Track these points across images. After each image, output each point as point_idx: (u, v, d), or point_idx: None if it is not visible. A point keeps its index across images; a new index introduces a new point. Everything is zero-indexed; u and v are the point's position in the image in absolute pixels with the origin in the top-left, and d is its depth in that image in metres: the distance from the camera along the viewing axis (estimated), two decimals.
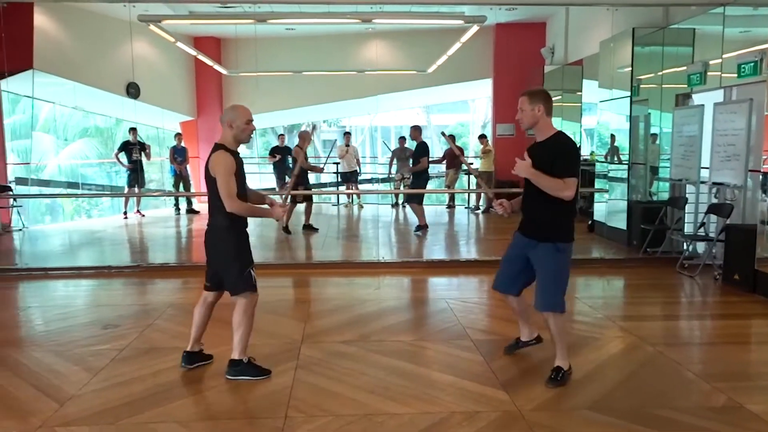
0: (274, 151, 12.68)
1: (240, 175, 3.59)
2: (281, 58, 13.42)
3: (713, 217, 6.64)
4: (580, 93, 11.17)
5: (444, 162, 12.63)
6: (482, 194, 11.50)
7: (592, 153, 10.51)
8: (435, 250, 8.50)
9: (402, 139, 13.11)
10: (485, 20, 7.94)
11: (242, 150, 3.87)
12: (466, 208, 12.54)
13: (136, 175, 11.18)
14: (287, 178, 12.68)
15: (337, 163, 13.17)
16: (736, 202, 6.24)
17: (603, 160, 9.64)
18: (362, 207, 12.97)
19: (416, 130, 9.47)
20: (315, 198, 14.40)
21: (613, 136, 9.33)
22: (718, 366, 3.95)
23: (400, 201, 12.74)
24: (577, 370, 3.71)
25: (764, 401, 3.33)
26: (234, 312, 3.66)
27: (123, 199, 11.93)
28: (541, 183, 3.35)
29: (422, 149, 9.24)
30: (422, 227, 9.08)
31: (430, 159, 9.94)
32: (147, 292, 6.15)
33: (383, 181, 15.20)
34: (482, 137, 12.10)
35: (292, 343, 4.29)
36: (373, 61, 13.31)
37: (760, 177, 6.18)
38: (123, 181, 11.75)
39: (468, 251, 8.60)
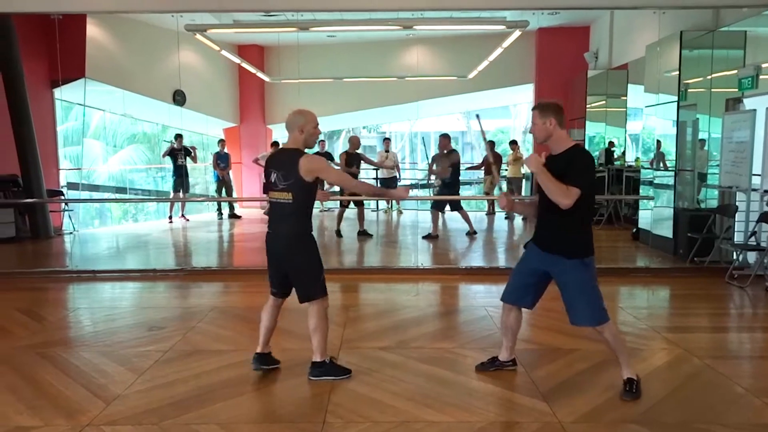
0: None
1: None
2: (322, 65, 13.58)
3: (765, 226, 6.40)
4: (624, 98, 10.96)
5: (483, 168, 12.53)
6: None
7: (637, 159, 10.27)
8: (474, 257, 8.44)
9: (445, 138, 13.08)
10: (527, 25, 7.87)
11: None
12: (505, 217, 12.39)
13: (181, 180, 11.47)
14: (326, 184, 12.80)
15: (377, 169, 13.21)
16: None
17: (648, 166, 9.41)
18: (401, 213, 12.98)
19: (445, 138, 9.49)
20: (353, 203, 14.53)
21: (659, 142, 9.10)
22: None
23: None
24: (619, 382, 3.61)
25: None
26: (309, 317, 3.72)
27: (169, 203, 12.25)
28: (544, 182, 3.28)
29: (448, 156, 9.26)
30: (432, 236, 9.17)
31: (470, 165, 9.96)
32: (190, 295, 6.29)
33: (423, 186, 15.18)
34: (513, 143, 11.96)
35: (330, 348, 4.30)
36: (413, 67, 13.34)
37: None
38: (169, 186, 12.06)
39: (506, 258, 8.50)
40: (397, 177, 13.09)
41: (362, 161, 9.81)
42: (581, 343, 4.38)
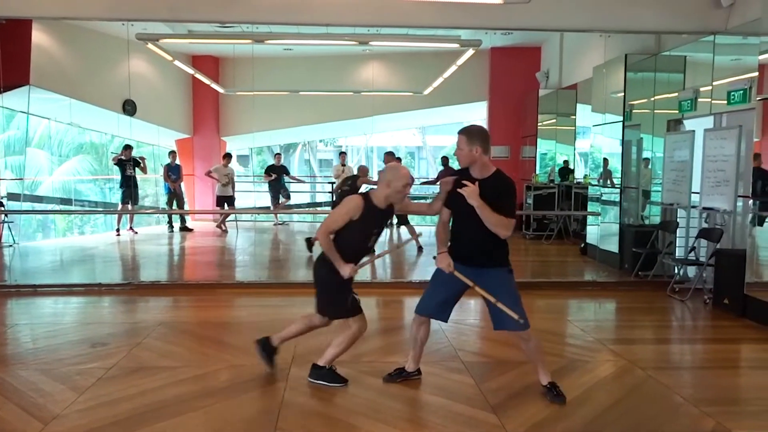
0: (269, 170, 12.73)
1: (362, 228, 3.69)
2: (279, 77, 13.54)
3: (704, 242, 6.67)
4: (574, 117, 11.29)
5: (438, 183, 12.67)
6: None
7: (585, 176, 10.58)
8: (429, 270, 8.48)
9: (397, 160, 13.19)
10: (480, 44, 8.05)
11: (236, 167, 3.90)
12: None
13: (130, 191, 11.17)
14: (281, 198, 12.74)
15: (332, 183, 13.21)
16: (726, 227, 6.28)
17: (596, 183, 9.71)
18: None
19: (389, 156, 9.75)
20: (308, 217, 14.46)
21: (606, 160, 9.41)
22: (708, 391, 3.95)
23: (394, 221, 12.76)
24: (567, 394, 3.70)
25: (751, 426, 3.34)
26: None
27: (116, 215, 11.90)
28: (485, 215, 3.39)
29: None
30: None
31: (425, 180, 10.10)
32: (137, 310, 6.11)
33: None
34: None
35: (282, 363, 4.26)
36: (369, 82, 13.45)
37: (750, 203, 6.23)
38: (117, 198, 11.73)
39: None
40: None
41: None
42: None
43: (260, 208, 14.27)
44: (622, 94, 8.30)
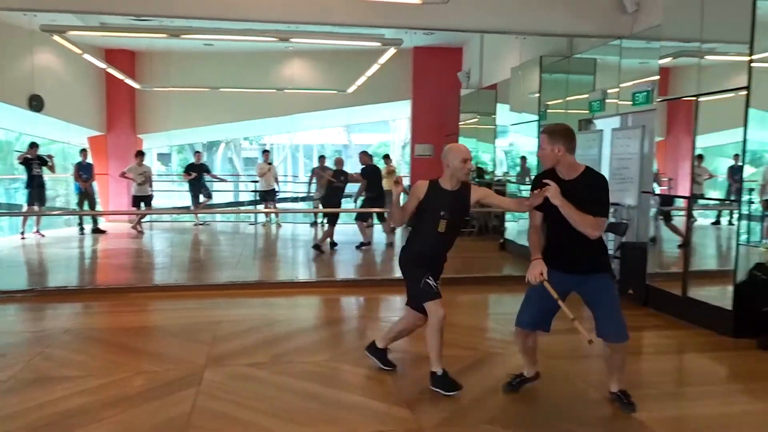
0: (189, 169, 12.36)
1: (430, 209, 3.70)
2: (199, 73, 13.16)
3: (611, 236, 7.01)
4: (494, 116, 11.59)
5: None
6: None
7: (504, 174, 10.88)
8: (352, 269, 8.50)
9: (322, 158, 13.14)
10: (401, 43, 8.12)
11: (157, 166, 3.75)
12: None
13: (36, 191, 10.51)
14: (202, 197, 12.38)
15: (256, 181, 12.99)
16: (631, 221, 6.63)
17: (515, 180, 10.01)
18: (280, 226, 12.82)
19: (365, 155, 10.00)
20: (231, 217, 14.16)
21: (524, 158, 9.72)
22: None
23: (319, 220, 12.70)
24: (479, 385, 3.80)
25: (651, 408, 3.52)
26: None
27: (21, 218, 11.17)
28: (569, 214, 3.20)
29: (366, 172, 9.74)
30: (366, 244, 9.64)
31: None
32: (41, 317, 5.76)
33: (303, 199, 15.11)
34: (386, 157, 12.28)
35: (194, 367, 4.14)
36: (293, 79, 13.30)
37: (651, 199, 6.60)
38: (23, 199, 11.03)
39: (383, 270, 8.65)
40: (276, 190, 12.94)
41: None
42: (446, 350, 4.52)
43: (179, 208, 13.83)
44: (538, 94, 8.60)
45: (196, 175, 12.14)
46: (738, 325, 4.98)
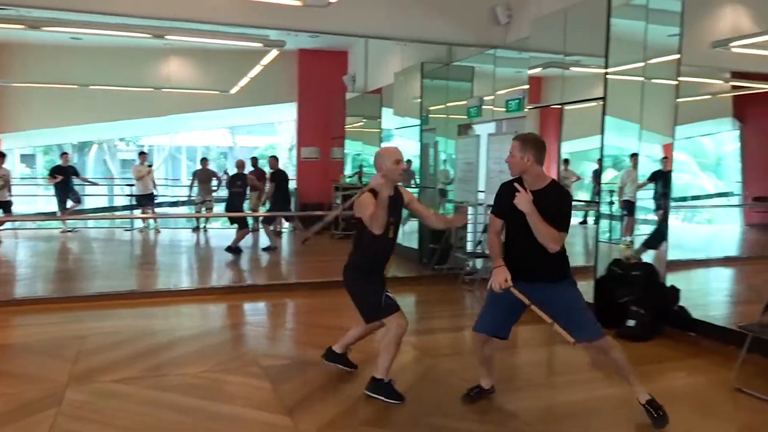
0: (55, 171, 11.44)
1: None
2: (66, 69, 12.19)
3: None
4: (379, 120, 11.76)
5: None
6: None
7: None
8: (234, 275, 8.26)
9: (204, 160, 12.68)
10: (284, 45, 8.03)
11: (22, 169, 3.39)
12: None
13: None
14: (70, 202, 11.49)
15: (132, 185, 12.27)
16: None
17: (401, 184, 10.20)
18: (159, 232, 12.18)
19: (274, 159, 10.12)
20: (106, 223, 13.25)
21: (409, 162, 9.93)
22: None
23: (202, 225, 12.25)
24: (360, 388, 3.81)
25: (520, 399, 3.72)
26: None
27: None
28: (536, 224, 3.17)
29: (276, 176, 9.86)
30: (272, 248, 9.65)
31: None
32: None
33: (183, 204, 14.47)
34: (273, 158, 12.04)
35: (55, 386, 3.81)
36: (172, 78, 12.71)
37: None
38: None
39: (267, 275, 8.49)
40: (155, 194, 12.30)
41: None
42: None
43: (44, 214, 12.74)
44: (420, 99, 8.84)
45: (63, 178, 11.24)
46: (599, 317, 5.36)
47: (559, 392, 4.03)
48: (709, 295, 5.95)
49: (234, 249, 9.20)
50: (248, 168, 10.66)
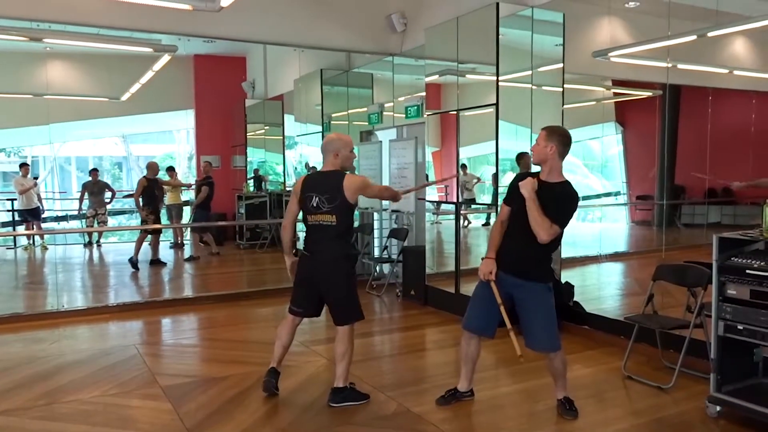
0: None
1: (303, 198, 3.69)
2: None
3: (395, 241, 7.44)
4: (282, 127, 11.60)
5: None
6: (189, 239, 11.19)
7: (294, 184, 10.94)
8: (128, 292, 7.81)
9: (95, 171, 11.97)
10: (176, 50, 7.69)
11: None
12: (170, 246, 11.77)
13: None
14: None
15: (13, 199, 11.33)
16: (410, 226, 7.10)
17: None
18: (46, 248, 11.32)
19: (208, 165, 10.31)
20: None
21: (315, 168, 9.86)
22: (393, 376, 4.39)
23: (95, 240, 11.53)
24: (268, 401, 3.75)
25: (425, 402, 3.77)
26: (338, 342, 3.76)
27: None
28: (532, 210, 3.24)
29: (205, 181, 9.91)
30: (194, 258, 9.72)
31: (129, 193, 9.46)
32: None
33: (73, 218, 13.54)
34: (170, 169, 11.58)
35: None
36: (55, 84, 11.84)
37: (427, 204, 7.14)
38: None
39: (169, 290, 8.12)
40: (41, 208, 11.43)
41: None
42: (235, 368, 4.42)
43: None
44: (320, 106, 8.81)
45: None
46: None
47: (472, 397, 4.13)
48: (601, 290, 6.34)
49: (157, 261, 9.05)
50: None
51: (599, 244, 6.57)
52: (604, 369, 4.40)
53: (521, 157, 5.72)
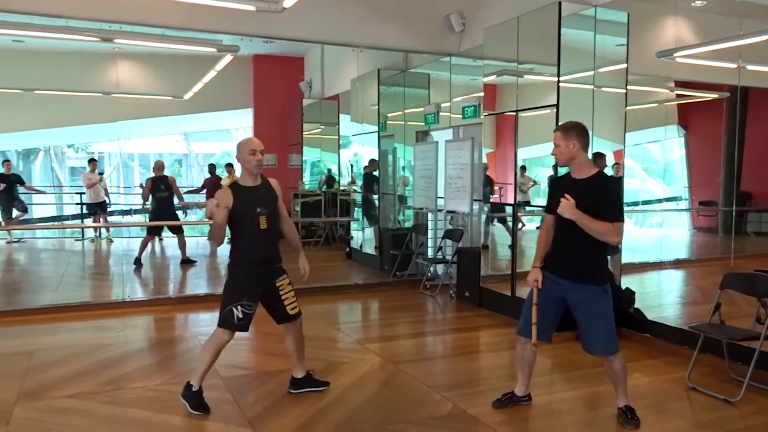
0: None
1: (244, 211, 3.53)
2: (7, 73, 11.70)
3: (449, 241, 7.41)
4: (337, 126, 11.74)
5: (204, 191, 12.15)
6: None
7: (349, 183, 11.05)
8: (190, 285, 8.08)
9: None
10: (238, 50, 7.92)
11: None
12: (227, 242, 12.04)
13: None
14: (15, 211, 11.06)
15: (82, 193, 11.88)
16: (465, 227, 7.06)
17: (359, 190, 10.21)
18: (112, 241, 11.82)
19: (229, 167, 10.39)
20: (56, 233, 12.79)
21: (366, 168, 9.92)
22: (448, 377, 4.38)
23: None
24: (323, 397, 3.79)
25: (481, 404, 3.74)
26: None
27: None
28: (587, 225, 3.15)
29: None
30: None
31: (190, 189, 9.68)
32: None
33: (137, 212, 14.08)
34: (229, 166, 11.84)
35: (2, 405, 3.65)
36: (122, 83, 12.34)
37: (486, 206, 7.08)
38: None
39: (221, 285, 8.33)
40: (107, 202, 11.93)
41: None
42: (288, 363, 4.47)
43: None
44: (377, 106, 8.86)
45: (6, 186, 10.81)
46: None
47: (530, 401, 4.08)
48: (661, 297, 6.15)
49: (187, 261, 9.00)
50: (205, 174, 10.49)
51: (660, 251, 6.38)
52: (666, 379, 4.27)
53: (597, 158, 5.56)
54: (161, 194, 8.85)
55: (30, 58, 11.90)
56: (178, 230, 9.08)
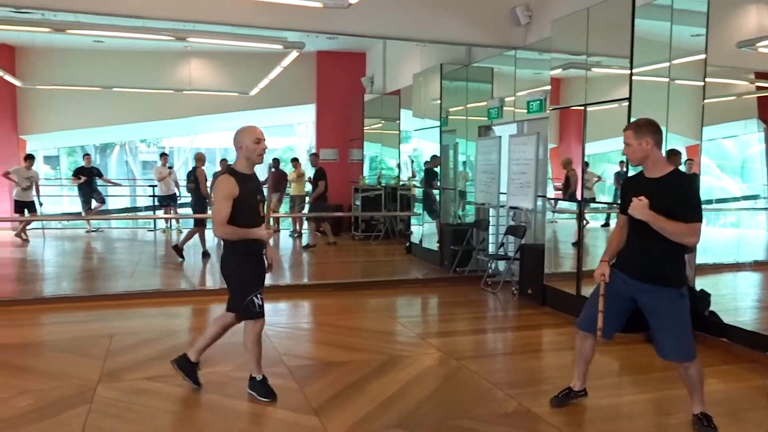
0: (78, 172, 11.64)
1: (247, 199, 3.51)
2: (88, 71, 12.35)
3: (511, 238, 7.32)
4: (398, 121, 11.78)
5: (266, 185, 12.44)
6: (307, 228, 11.56)
7: (409, 179, 11.07)
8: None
9: (223, 161, 12.80)
10: (304, 47, 8.06)
11: (45, 169, 3.44)
12: (290, 235, 12.37)
13: None
14: (94, 202, 11.68)
15: (154, 186, 12.42)
16: (529, 224, 6.95)
17: (419, 185, 10.22)
18: (181, 232, 12.28)
19: (315, 157, 10.81)
20: (129, 223, 13.42)
21: (427, 163, 9.92)
22: (511, 374, 4.33)
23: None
24: (386, 389, 3.82)
25: (545, 404, 3.68)
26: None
27: None
28: (662, 227, 3.02)
29: (320, 174, 10.33)
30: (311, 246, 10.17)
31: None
32: None
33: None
34: (294, 161, 12.09)
35: (86, 384, 3.87)
36: (192, 80, 12.82)
37: (550, 202, 6.94)
38: None
39: (288, 276, 8.53)
40: (177, 194, 12.42)
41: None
42: (353, 355, 4.56)
43: (69, 214, 12.92)
44: (439, 100, 8.83)
45: (86, 179, 11.43)
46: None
47: (585, 396, 3.99)
48: (738, 300, 5.86)
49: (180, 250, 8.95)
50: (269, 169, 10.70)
51: (736, 251, 6.09)
52: (744, 386, 4.08)
53: (671, 155, 5.36)
54: (191, 185, 9.19)
55: (109, 58, 12.53)
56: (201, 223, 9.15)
